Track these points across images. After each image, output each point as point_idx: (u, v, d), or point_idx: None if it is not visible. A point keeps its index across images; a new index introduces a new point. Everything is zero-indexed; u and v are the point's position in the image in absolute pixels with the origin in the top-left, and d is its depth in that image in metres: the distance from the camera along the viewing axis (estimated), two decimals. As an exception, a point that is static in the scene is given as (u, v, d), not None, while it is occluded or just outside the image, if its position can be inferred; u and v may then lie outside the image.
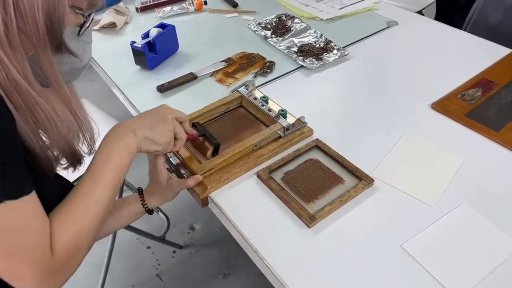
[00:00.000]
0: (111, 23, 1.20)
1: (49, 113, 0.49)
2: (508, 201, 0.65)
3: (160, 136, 0.59)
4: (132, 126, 0.58)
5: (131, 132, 0.57)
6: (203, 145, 0.73)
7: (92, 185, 0.53)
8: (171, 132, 0.61)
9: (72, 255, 0.50)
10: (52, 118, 0.49)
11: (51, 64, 0.48)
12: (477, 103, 0.85)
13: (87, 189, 0.53)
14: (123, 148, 0.56)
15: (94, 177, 0.53)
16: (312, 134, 0.79)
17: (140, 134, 0.57)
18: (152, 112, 0.61)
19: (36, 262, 0.46)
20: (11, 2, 0.43)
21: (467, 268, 0.57)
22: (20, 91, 0.45)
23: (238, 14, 1.28)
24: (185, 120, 0.65)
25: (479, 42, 1.07)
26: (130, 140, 0.56)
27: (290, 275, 0.57)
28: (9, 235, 0.44)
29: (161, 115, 0.61)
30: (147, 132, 0.58)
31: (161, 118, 0.60)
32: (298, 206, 0.64)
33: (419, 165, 0.72)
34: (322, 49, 1.05)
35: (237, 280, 1.41)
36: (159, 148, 0.60)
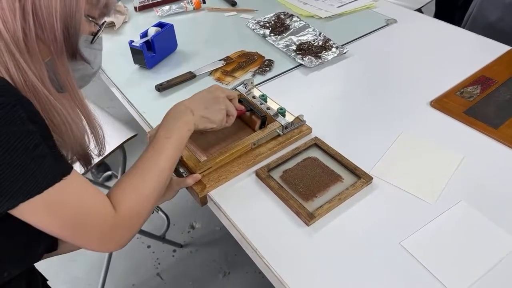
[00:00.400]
0: (109, 23, 1.20)
1: (65, 117, 0.51)
2: (507, 199, 0.66)
3: (214, 114, 0.66)
4: (190, 105, 0.64)
5: (189, 112, 0.63)
6: (250, 119, 0.78)
7: (155, 157, 0.58)
8: (224, 110, 0.67)
9: (133, 219, 0.54)
10: (67, 122, 0.51)
11: (67, 70, 0.51)
12: (476, 101, 0.85)
13: (150, 161, 0.58)
14: (182, 125, 0.62)
15: (157, 150, 0.59)
16: (311, 132, 0.79)
17: (197, 113, 0.64)
18: (206, 93, 0.68)
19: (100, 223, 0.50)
20: (31, 11, 0.45)
21: (466, 266, 0.57)
22: (37, 95, 0.47)
23: (237, 12, 1.28)
24: (235, 97, 0.71)
25: (478, 39, 1.07)
26: (188, 119, 0.63)
27: (289, 273, 0.57)
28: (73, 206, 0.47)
29: (215, 95, 0.67)
30: (204, 111, 0.64)
31: (214, 97, 0.67)
32: (296, 204, 0.64)
33: (418, 162, 0.72)
34: (321, 47, 1.05)
35: (237, 278, 1.41)
36: (214, 126, 0.67)
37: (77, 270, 1.48)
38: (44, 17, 0.46)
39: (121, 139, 1.21)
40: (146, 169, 0.57)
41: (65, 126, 0.51)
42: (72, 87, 0.53)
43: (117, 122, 1.30)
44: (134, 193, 0.54)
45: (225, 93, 0.69)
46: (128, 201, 0.53)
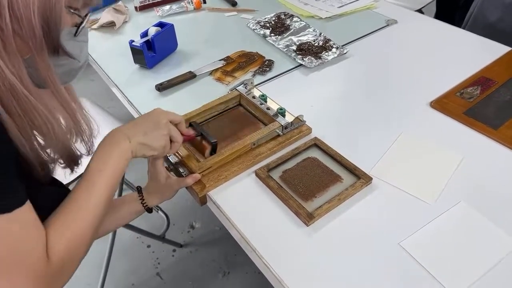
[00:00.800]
0: (110, 22, 1.20)
1: (47, 117, 0.48)
2: (506, 199, 0.66)
3: (155, 141, 0.60)
4: (126, 132, 0.58)
5: (126, 139, 0.57)
6: (201, 144, 0.73)
7: (87, 193, 0.53)
8: (166, 136, 0.61)
9: (68, 261, 0.50)
10: (49, 122, 0.49)
11: (48, 67, 0.48)
12: (475, 101, 0.85)
13: (82, 197, 0.53)
14: (118, 154, 0.56)
15: (89, 184, 0.53)
16: (311, 132, 0.79)
17: (134, 140, 0.57)
18: (146, 117, 0.62)
19: (33, 272, 0.45)
20: (6, 5, 0.42)
21: (465, 266, 0.57)
22: (16, 95, 0.44)
23: (237, 12, 1.28)
24: (181, 122, 0.65)
25: (478, 40, 1.07)
26: (125, 147, 0.57)
27: (288, 273, 0.57)
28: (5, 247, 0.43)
29: (155, 119, 0.61)
30: (142, 138, 0.58)
31: (155, 122, 0.60)
32: (296, 205, 0.64)
33: (417, 163, 0.72)
34: (321, 48, 1.05)
35: (237, 278, 1.41)
36: (155, 153, 0.61)
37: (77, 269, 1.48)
38: (21, 11, 0.42)
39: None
40: (78, 207, 0.52)
41: (47, 126, 0.49)
42: (54, 84, 0.49)
43: (118, 122, 1.30)
44: (66, 236, 0.49)
45: (169, 117, 0.63)
46: (60, 245, 0.48)
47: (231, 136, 0.78)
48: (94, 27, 1.21)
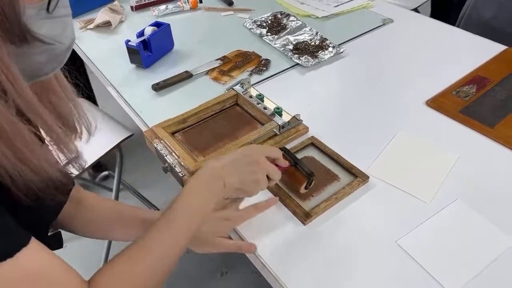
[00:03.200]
0: (106, 22, 1.20)
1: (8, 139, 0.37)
2: (502, 197, 0.66)
3: (251, 186, 0.55)
4: (222, 174, 0.52)
5: (221, 181, 0.52)
6: (294, 175, 0.64)
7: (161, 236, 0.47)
8: (263, 179, 0.56)
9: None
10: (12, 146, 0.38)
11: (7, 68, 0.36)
12: (471, 100, 0.85)
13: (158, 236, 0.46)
14: (209, 199, 0.51)
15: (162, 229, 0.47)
16: (308, 131, 0.79)
17: (230, 184, 0.52)
18: (241, 156, 0.55)
19: None
20: None
21: (462, 264, 0.57)
22: None
23: (234, 12, 1.28)
24: (278, 158, 0.59)
25: (474, 39, 1.07)
26: (218, 190, 0.52)
27: (286, 272, 0.57)
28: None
29: (253, 159, 0.55)
30: (238, 184, 0.53)
31: (251, 164, 0.54)
32: (293, 204, 0.64)
33: (414, 161, 0.73)
34: (318, 47, 1.05)
35: (235, 278, 1.41)
36: (248, 196, 0.57)
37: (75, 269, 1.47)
38: None
39: (117, 139, 1.21)
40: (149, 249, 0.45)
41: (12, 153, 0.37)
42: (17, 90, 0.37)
43: (114, 122, 1.29)
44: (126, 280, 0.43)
45: (266, 154, 0.56)
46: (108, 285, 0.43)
47: (228, 135, 0.78)
48: (90, 27, 1.21)
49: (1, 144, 0.37)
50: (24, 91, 0.38)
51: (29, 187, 0.40)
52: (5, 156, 0.37)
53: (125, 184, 1.61)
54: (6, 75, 0.36)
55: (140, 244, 0.46)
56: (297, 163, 0.63)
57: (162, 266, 0.46)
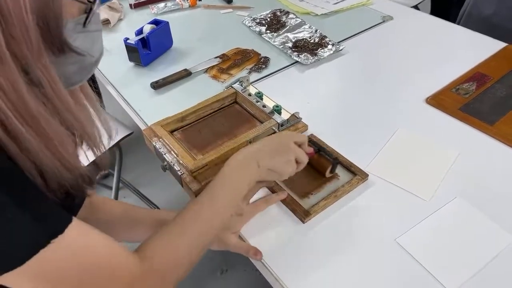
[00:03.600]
0: (104, 20, 1.20)
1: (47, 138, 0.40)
2: (502, 195, 0.66)
3: (284, 167, 0.59)
4: (256, 155, 0.57)
5: (255, 162, 0.56)
6: (319, 162, 0.68)
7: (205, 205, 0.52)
8: (293, 162, 0.60)
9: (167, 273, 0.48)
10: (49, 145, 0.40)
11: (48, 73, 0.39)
12: (471, 97, 0.85)
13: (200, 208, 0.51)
14: (245, 177, 0.55)
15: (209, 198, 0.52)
16: (307, 129, 0.79)
17: (264, 165, 0.57)
18: (272, 140, 0.61)
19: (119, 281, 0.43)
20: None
21: (461, 262, 0.57)
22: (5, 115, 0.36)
23: (233, 10, 1.27)
24: (304, 142, 0.64)
25: (474, 36, 1.07)
26: (253, 170, 0.56)
27: (285, 270, 0.57)
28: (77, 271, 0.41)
29: (284, 142, 0.60)
30: (271, 163, 0.57)
31: (283, 146, 0.59)
32: (292, 202, 0.64)
33: (413, 159, 0.72)
34: (317, 45, 1.05)
35: (235, 276, 1.41)
36: (281, 179, 0.61)
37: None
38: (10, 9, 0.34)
39: (117, 137, 1.21)
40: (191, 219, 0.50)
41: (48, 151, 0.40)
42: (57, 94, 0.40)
43: (113, 120, 1.29)
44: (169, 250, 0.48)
45: (294, 139, 0.61)
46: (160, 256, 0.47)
47: (227, 134, 0.78)
48: (89, 25, 1.20)
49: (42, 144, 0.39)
50: (63, 94, 0.42)
51: (62, 185, 0.43)
52: (45, 156, 0.40)
53: (125, 182, 1.61)
54: (48, 80, 0.39)
55: (185, 218, 0.50)
56: (321, 149, 0.68)
57: (204, 239, 0.51)
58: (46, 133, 0.39)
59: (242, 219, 0.62)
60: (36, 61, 0.37)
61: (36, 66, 0.37)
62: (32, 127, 0.38)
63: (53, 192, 0.43)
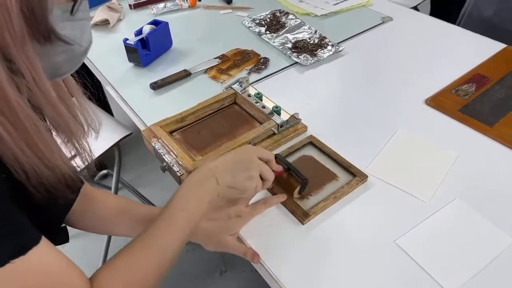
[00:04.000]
0: (104, 20, 1.19)
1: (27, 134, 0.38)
2: (501, 196, 0.66)
3: (244, 183, 0.55)
4: (215, 172, 0.54)
5: (214, 179, 0.53)
6: (288, 181, 0.65)
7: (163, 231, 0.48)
8: (256, 178, 0.57)
9: None
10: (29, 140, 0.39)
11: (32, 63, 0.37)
12: (471, 99, 0.85)
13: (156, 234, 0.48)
14: (203, 195, 0.52)
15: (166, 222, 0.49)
16: (306, 130, 0.79)
17: (223, 182, 0.54)
18: (234, 155, 0.57)
19: None
20: None
21: (461, 264, 0.57)
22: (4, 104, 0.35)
23: (232, 10, 1.27)
24: (271, 160, 0.60)
25: (474, 37, 1.07)
26: (211, 187, 0.53)
27: (284, 272, 0.57)
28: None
29: (245, 157, 0.57)
30: (231, 180, 0.54)
31: (245, 162, 0.56)
32: (292, 203, 0.64)
33: (413, 161, 0.72)
34: (317, 45, 1.05)
35: (234, 276, 1.41)
36: (245, 196, 0.58)
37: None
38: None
39: (116, 137, 1.21)
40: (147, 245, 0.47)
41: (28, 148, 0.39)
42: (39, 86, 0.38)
43: (112, 121, 1.29)
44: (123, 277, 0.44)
45: (259, 154, 0.58)
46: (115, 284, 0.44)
47: (226, 135, 0.78)
48: (88, 25, 1.20)
49: (20, 140, 0.38)
50: (46, 87, 0.40)
51: (43, 183, 0.42)
52: (22, 152, 0.38)
53: (124, 182, 1.61)
54: (30, 70, 0.37)
55: (139, 241, 0.48)
56: (290, 168, 0.64)
57: (160, 263, 0.47)
58: (24, 126, 0.38)
59: (240, 221, 0.60)
60: (19, 49, 0.35)
61: (19, 55, 0.36)
62: (9, 119, 0.36)
63: (35, 189, 0.41)
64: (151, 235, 0.48)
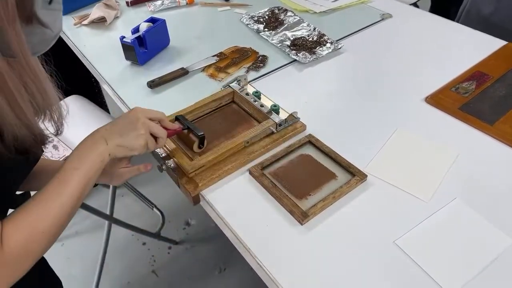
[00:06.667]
0: (100, 18, 1.18)
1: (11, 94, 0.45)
2: (502, 196, 0.65)
3: (132, 141, 0.59)
4: (104, 134, 0.58)
5: (103, 141, 0.57)
6: (188, 138, 0.73)
7: (58, 190, 0.52)
8: (144, 135, 0.60)
9: (24, 256, 0.49)
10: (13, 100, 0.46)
11: (19, 37, 0.45)
12: (471, 96, 0.84)
13: (52, 193, 0.52)
14: (94, 156, 0.56)
15: (61, 182, 0.53)
16: (305, 129, 0.78)
17: (112, 143, 0.58)
18: (123, 118, 0.61)
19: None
20: None
21: (461, 264, 0.56)
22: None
23: (230, 7, 1.26)
24: (162, 119, 0.65)
25: (474, 34, 1.06)
26: (102, 149, 0.57)
27: (282, 272, 0.56)
28: None
29: (132, 119, 0.61)
30: (119, 140, 0.58)
31: (132, 122, 0.60)
32: (290, 203, 0.64)
33: (412, 159, 0.72)
34: (315, 43, 1.04)
35: (233, 274, 1.41)
36: (135, 153, 0.61)
37: (72, 267, 1.47)
38: None
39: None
40: (45, 203, 0.51)
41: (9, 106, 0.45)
42: (25, 57, 0.46)
43: (109, 119, 1.28)
44: (26, 229, 0.49)
45: (147, 115, 0.62)
46: (18, 238, 0.48)
47: (224, 134, 0.77)
48: (85, 23, 1.19)
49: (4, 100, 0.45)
50: (30, 58, 0.48)
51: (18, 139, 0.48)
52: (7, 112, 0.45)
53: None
54: (18, 43, 0.45)
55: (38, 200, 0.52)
56: (189, 126, 0.72)
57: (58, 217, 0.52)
58: (10, 90, 0.45)
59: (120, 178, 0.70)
60: (10, 25, 0.43)
61: (10, 30, 0.43)
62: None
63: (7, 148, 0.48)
64: (48, 192, 0.52)
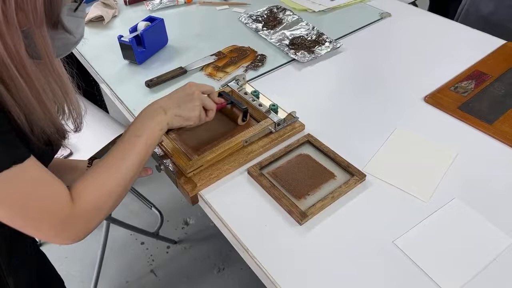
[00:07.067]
0: (98, 17, 1.18)
1: (38, 94, 0.49)
2: (501, 196, 0.65)
3: (189, 112, 0.65)
4: (162, 105, 0.64)
5: (162, 111, 0.63)
6: (232, 112, 0.77)
7: (123, 155, 0.58)
8: (199, 107, 0.67)
9: (94, 211, 0.54)
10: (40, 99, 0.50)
11: (45, 40, 0.49)
12: (470, 96, 0.84)
13: (117, 158, 0.57)
14: (154, 125, 0.61)
15: (126, 146, 0.58)
16: (304, 129, 0.78)
17: (170, 112, 0.63)
18: (180, 91, 0.67)
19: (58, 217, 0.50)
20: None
21: (460, 264, 0.56)
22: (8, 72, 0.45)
23: (229, 6, 1.26)
24: (212, 92, 0.71)
25: (473, 33, 1.06)
26: (161, 118, 0.62)
27: (280, 273, 0.56)
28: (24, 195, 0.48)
29: (188, 92, 0.67)
30: (177, 110, 0.64)
31: (188, 94, 0.66)
32: (289, 203, 0.63)
33: (411, 159, 0.72)
34: (314, 42, 1.03)
35: (231, 274, 1.41)
36: (190, 123, 0.67)
37: (70, 267, 1.47)
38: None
39: (111, 135, 1.19)
40: (113, 165, 0.57)
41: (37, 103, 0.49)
42: (49, 58, 0.50)
43: (107, 119, 1.28)
44: (96, 188, 0.54)
45: (200, 88, 0.68)
46: (89, 195, 0.53)
47: (222, 133, 0.77)
48: (83, 21, 1.18)
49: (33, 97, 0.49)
50: (55, 60, 0.52)
51: (45, 132, 0.53)
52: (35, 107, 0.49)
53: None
54: (43, 46, 0.49)
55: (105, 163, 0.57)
56: (233, 100, 0.76)
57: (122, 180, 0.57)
58: (37, 88, 0.49)
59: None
60: (37, 28, 0.47)
61: (37, 33, 0.47)
62: (27, 82, 0.47)
63: (36, 138, 0.52)
64: (114, 157, 0.58)
